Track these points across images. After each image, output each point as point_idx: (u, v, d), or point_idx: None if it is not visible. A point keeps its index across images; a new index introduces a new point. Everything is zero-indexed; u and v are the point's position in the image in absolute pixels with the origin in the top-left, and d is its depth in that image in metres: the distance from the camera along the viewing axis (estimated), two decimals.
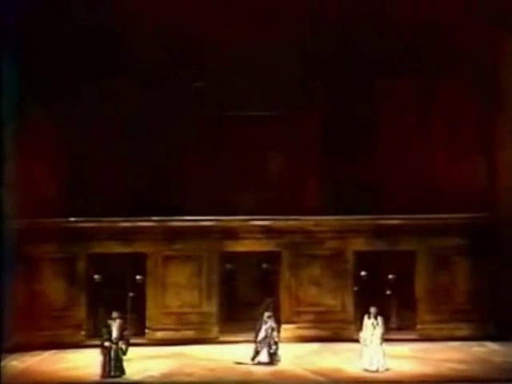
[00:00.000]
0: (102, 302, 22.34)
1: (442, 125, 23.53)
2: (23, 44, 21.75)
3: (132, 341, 19.66)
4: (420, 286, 23.25)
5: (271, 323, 20.39)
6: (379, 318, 19.58)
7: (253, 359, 20.21)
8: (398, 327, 23.12)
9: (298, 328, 22.65)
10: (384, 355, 19.37)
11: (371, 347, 19.35)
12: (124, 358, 19.07)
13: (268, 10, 22.60)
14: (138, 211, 22.51)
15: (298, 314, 22.80)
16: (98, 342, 19.47)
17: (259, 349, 20.22)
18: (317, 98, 23.47)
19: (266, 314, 20.54)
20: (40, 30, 22.05)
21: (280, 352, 20.30)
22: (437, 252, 23.20)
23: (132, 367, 19.40)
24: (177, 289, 22.96)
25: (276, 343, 20.27)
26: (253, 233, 23.05)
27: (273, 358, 20.17)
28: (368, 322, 19.60)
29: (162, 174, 23.20)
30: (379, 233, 23.02)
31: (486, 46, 22.62)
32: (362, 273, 23.19)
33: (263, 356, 20.17)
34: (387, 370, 19.28)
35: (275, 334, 20.34)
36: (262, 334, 20.25)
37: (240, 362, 20.22)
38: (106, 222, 22.63)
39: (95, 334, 21.33)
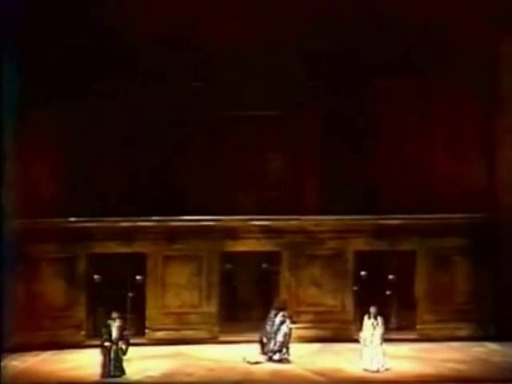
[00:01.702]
0: (102, 302, 22.33)
1: (442, 125, 23.53)
2: (23, 44, 21.74)
3: (132, 341, 19.66)
4: (420, 286, 23.25)
5: (288, 323, 20.65)
6: (379, 318, 19.60)
7: (267, 355, 20.45)
8: (397, 327, 23.12)
9: (298, 328, 22.57)
10: (384, 355, 19.39)
11: (371, 347, 19.36)
12: (124, 357, 19.08)
13: (268, 10, 22.59)
14: (138, 211, 22.51)
15: (298, 313, 22.76)
16: (98, 342, 19.48)
17: (274, 347, 20.41)
18: (317, 97, 23.47)
19: (282, 313, 20.78)
20: (40, 31, 22.04)
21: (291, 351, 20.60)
22: (437, 252, 23.19)
23: (132, 367, 19.40)
24: (177, 289, 22.95)
25: (289, 343, 20.55)
26: (253, 233, 23.05)
27: (284, 358, 20.35)
28: (368, 322, 19.62)
29: (162, 173, 23.20)
30: (379, 233, 23.01)
31: (486, 46, 22.63)
32: (362, 273, 23.18)
33: (277, 355, 20.38)
34: (387, 370, 19.30)
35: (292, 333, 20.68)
36: (280, 333, 20.44)
37: (256, 361, 20.37)
38: (106, 222, 22.61)
39: (95, 334, 21.32)
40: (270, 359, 20.45)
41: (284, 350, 20.45)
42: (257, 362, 20.30)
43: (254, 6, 22.52)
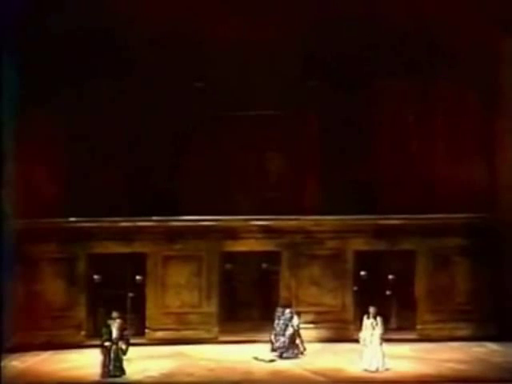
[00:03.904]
0: (102, 302, 22.34)
1: (442, 125, 23.53)
2: (23, 44, 21.76)
3: (132, 341, 19.66)
4: (420, 286, 23.25)
5: (296, 318, 21.03)
6: (378, 319, 19.58)
7: (278, 352, 20.74)
8: (397, 327, 23.12)
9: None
10: (384, 355, 19.38)
11: (371, 347, 19.35)
12: (124, 357, 19.07)
13: (268, 10, 22.60)
14: (138, 211, 22.52)
15: (298, 314, 22.74)
16: (98, 342, 19.47)
17: (285, 343, 20.70)
18: (317, 97, 23.46)
19: (289, 309, 21.15)
20: (40, 30, 22.04)
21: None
22: (437, 252, 23.19)
23: (132, 367, 19.40)
24: (177, 289, 22.96)
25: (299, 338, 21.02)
26: (253, 233, 23.05)
27: (300, 352, 20.83)
28: (367, 322, 19.61)
29: (162, 173, 23.20)
30: (379, 233, 23.02)
31: (486, 46, 22.62)
32: (362, 273, 23.19)
33: (290, 351, 20.71)
34: (387, 370, 19.29)
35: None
36: (289, 330, 20.78)
37: (271, 359, 20.56)
38: (106, 222, 22.62)
39: (95, 334, 21.29)
40: (281, 356, 20.65)
41: (298, 344, 20.84)
42: (271, 360, 20.47)
43: (254, 6, 22.51)
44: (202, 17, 22.53)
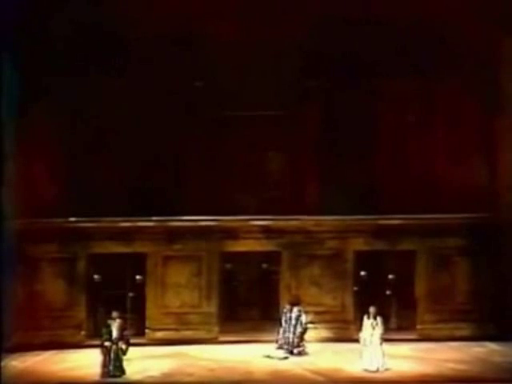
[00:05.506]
0: (102, 302, 22.36)
1: (442, 125, 23.54)
2: (23, 44, 21.76)
3: (132, 341, 19.65)
4: (420, 286, 23.25)
5: (304, 317, 21.20)
6: (378, 319, 19.58)
7: (287, 350, 20.91)
8: (397, 327, 23.13)
9: None
10: (384, 355, 19.37)
11: (371, 347, 19.35)
12: (124, 357, 19.07)
13: (268, 10, 22.60)
14: (138, 211, 22.52)
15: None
16: (98, 342, 19.47)
17: (294, 341, 20.89)
18: (317, 97, 23.47)
19: (297, 307, 21.28)
20: (40, 30, 22.05)
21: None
22: (437, 252, 23.19)
23: (132, 367, 19.39)
24: (177, 289, 22.96)
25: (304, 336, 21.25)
26: (253, 233, 23.05)
27: (303, 350, 21.01)
28: (367, 322, 19.61)
29: (162, 173, 23.20)
30: (379, 233, 23.01)
31: (486, 46, 22.63)
32: (362, 273, 23.19)
33: (296, 349, 20.91)
34: (387, 370, 19.28)
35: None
36: (298, 327, 21.01)
37: (284, 356, 20.68)
38: (106, 222, 22.62)
39: (95, 334, 21.31)
40: (292, 353, 20.81)
41: (302, 343, 20.96)
42: (285, 358, 20.57)
43: (254, 5, 22.51)
44: (201, 17, 22.53)
